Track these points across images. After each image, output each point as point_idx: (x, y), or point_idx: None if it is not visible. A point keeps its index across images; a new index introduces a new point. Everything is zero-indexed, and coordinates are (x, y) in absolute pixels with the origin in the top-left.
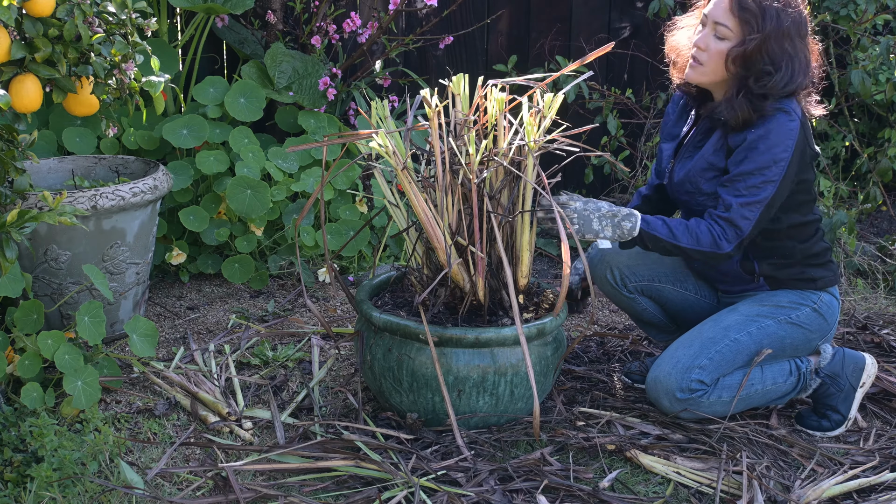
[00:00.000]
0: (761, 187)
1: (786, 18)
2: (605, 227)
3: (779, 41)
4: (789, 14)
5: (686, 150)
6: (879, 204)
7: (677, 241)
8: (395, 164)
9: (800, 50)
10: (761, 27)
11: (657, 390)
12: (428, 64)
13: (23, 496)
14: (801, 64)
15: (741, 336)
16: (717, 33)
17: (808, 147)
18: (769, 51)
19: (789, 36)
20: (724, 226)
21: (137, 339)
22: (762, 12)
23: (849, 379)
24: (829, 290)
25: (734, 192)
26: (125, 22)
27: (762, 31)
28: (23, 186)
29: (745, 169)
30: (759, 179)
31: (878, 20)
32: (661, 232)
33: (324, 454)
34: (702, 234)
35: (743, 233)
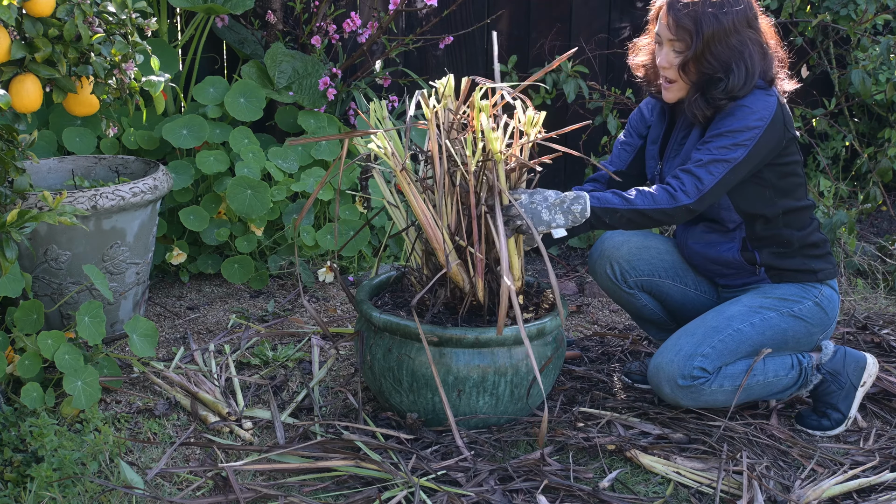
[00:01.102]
0: (731, 149)
1: (725, 17)
2: (556, 215)
3: (723, 41)
4: (729, 11)
5: (671, 150)
6: (879, 204)
7: (633, 205)
8: (393, 164)
9: (751, 40)
10: (700, 34)
11: (659, 377)
12: (428, 64)
13: (23, 496)
14: (756, 55)
15: (744, 326)
16: (673, 48)
17: (786, 126)
18: (716, 54)
19: (735, 30)
20: (683, 178)
21: (137, 339)
22: (697, 21)
23: (850, 377)
24: (830, 283)
25: (705, 151)
26: (125, 22)
27: (702, 38)
28: (23, 186)
29: (718, 131)
30: (730, 141)
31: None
32: (615, 202)
33: (324, 454)
34: (657, 194)
35: (703, 186)
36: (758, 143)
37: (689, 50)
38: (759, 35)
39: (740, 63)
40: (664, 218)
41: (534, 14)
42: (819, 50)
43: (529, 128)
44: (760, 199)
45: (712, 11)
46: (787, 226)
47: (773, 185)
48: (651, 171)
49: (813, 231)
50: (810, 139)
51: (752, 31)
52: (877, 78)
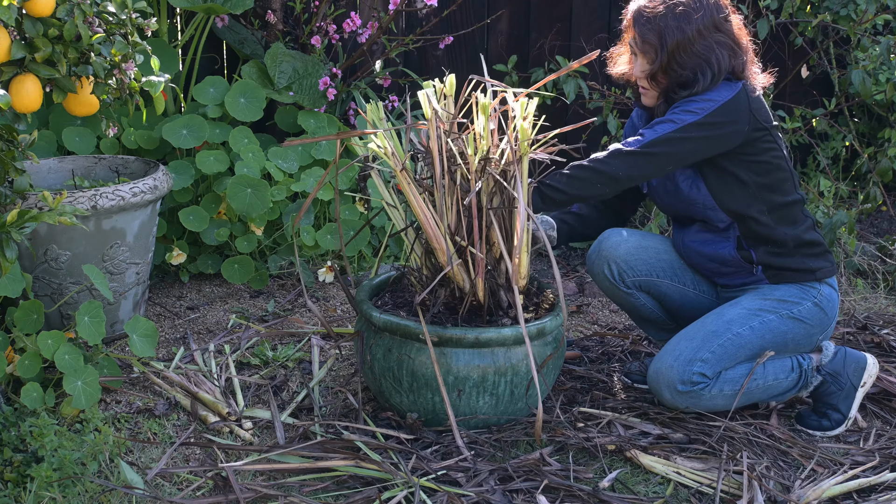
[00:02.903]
0: (680, 114)
1: (689, 25)
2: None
3: (688, 50)
4: (693, 17)
5: None
6: (879, 204)
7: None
8: (393, 165)
9: (718, 42)
10: (664, 47)
11: (659, 382)
12: (428, 64)
13: (23, 496)
14: (724, 56)
15: (743, 330)
16: (644, 59)
17: (753, 114)
18: (682, 63)
19: (701, 35)
20: (630, 138)
21: (137, 339)
22: (661, 34)
23: (850, 378)
24: (829, 282)
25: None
26: (125, 22)
27: (666, 50)
28: (23, 186)
29: (679, 107)
30: (681, 108)
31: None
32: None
33: (324, 454)
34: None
35: (644, 139)
36: (711, 115)
37: (654, 62)
38: (728, 36)
39: (706, 68)
40: (600, 166)
41: (534, 14)
42: (819, 50)
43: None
44: (743, 197)
45: (675, 24)
46: (779, 223)
47: (755, 182)
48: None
49: (807, 229)
50: (810, 139)
51: (721, 34)
52: (877, 78)
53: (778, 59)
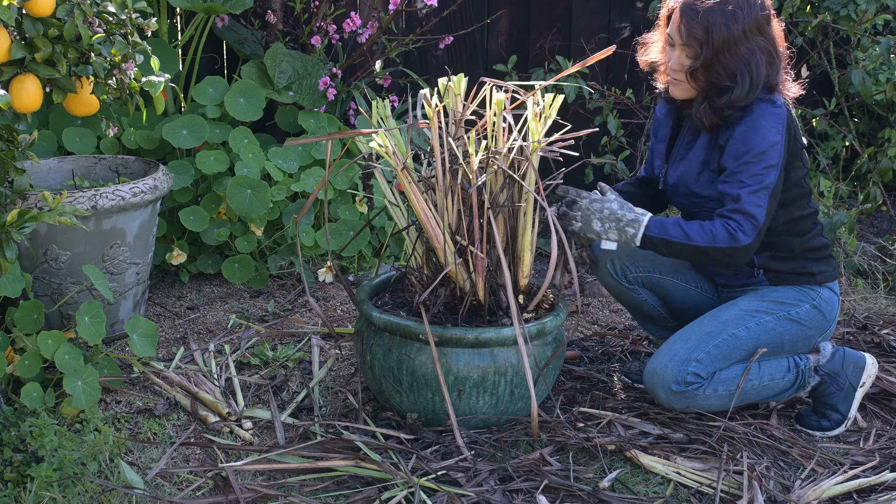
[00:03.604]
0: (764, 173)
1: (736, 24)
2: (609, 229)
3: (732, 50)
4: (741, 16)
5: (677, 153)
6: (879, 204)
7: (692, 241)
8: (395, 163)
9: (759, 47)
10: (710, 43)
11: (654, 382)
12: (428, 64)
13: (23, 496)
14: (762, 63)
15: (739, 331)
16: (685, 53)
17: (795, 136)
18: (724, 63)
19: (745, 38)
20: (738, 218)
21: (137, 339)
22: (709, 30)
23: (849, 378)
24: (829, 285)
25: (739, 185)
26: (125, 22)
27: (712, 47)
28: (23, 186)
29: (744, 159)
30: (760, 166)
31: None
32: (675, 234)
33: (324, 454)
34: (717, 231)
35: (758, 221)
36: (781, 155)
37: (698, 59)
38: (768, 41)
39: (745, 73)
40: (721, 256)
41: (534, 14)
42: (819, 50)
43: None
44: None
45: (723, 21)
46: (788, 233)
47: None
48: (658, 170)
49: (815, 236)
50: (810, 139)
51: (762, 38)
52: (877, 78)
53: None
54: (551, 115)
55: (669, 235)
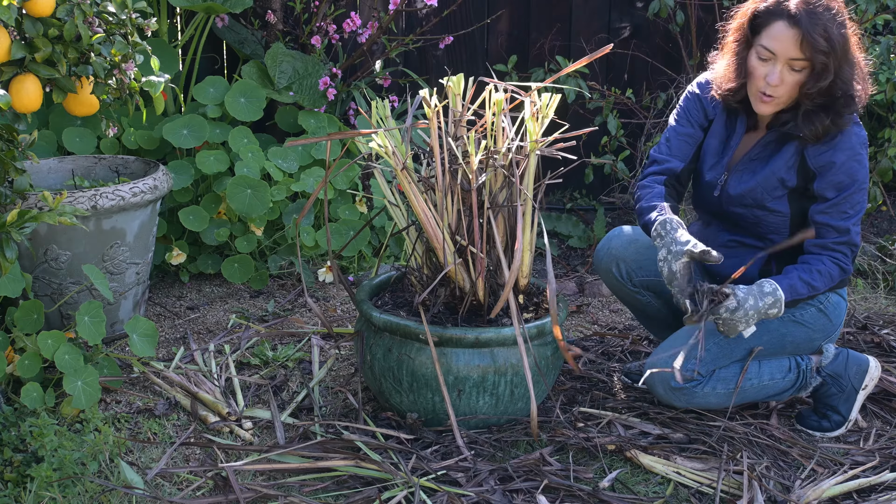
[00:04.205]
0: (862, 201)
1: (842, 36)
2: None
3: (847, 59)
4: (844, 29)
5: (744, 164)
6: (879, 204)
7: (817, 290)
8: (394, 164)
9: (858, 55)
10: (832, 56)
11: (653, 378)
12: (428, 64)
13: (23, 496)
14: (863, 70)
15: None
16: (793, 67)
17: None
18: (843, 76)
19: (851, 49)
20: (844, 250)
21: (137, 339)
22: (831, 42)
23: (851, 380)
24: (838, 290)
25: (844, 216)
26: (125, 22)
27: (835, 61)
28: (23, 186)
29: (849, 192)
30: (860, 196)
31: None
32: (804, 291)
33: (324, 454)
34: (833, 271)
35: (858, 247)
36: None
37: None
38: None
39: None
40: (832, 287)
41: (534, 14)
42: None
43: (545, 109)
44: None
45: (838, 31)
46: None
47: None
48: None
49: None
50: None
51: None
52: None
53: None
54: (549, 115)
55: (800, 295)
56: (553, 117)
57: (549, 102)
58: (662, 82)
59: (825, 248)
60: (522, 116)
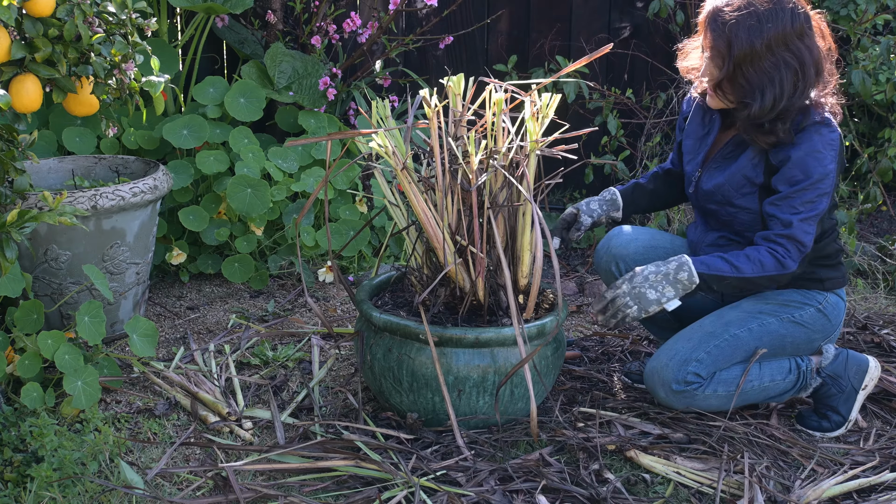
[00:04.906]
0: (817, 201)
1: (760, 39)
2: (664, 289)
3: (756, 64)
4: (766, 30)
5: (716, 161)
6: (879, 204)
7: (742, 273)
8: (394, 164)
9: (785, 63)
10: (731, 56)
11: (654, 381)
12: (428, 64)
13: (23, 496)
14: (786, 81)
15: (741, 332)
16: (713, 62)
17: (843, 156)
18: (748, 78)
19: (770, 52)
20: (786, 244)
21: (137, 339)
22: (730, 43)
23: (851, 381)
24: (836, 291)
25: (791, 210)
26: (125, 22)
27: (733, 60)
28: (23, 186)
29: (800, 186)
30: (814, 194)
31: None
32: (724, 269)
33: (324, 454)
34: (765, 259)
35: (806, 248)
36: (834, 185)
37: (721, 71)
38: (797, 57)
39: (768, 89)
40: (771, 284)
41: (534, 14)
42: None
43: (545, 109)
44: None
45: (746, 35)
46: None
47: None
48: (690, 172)
49: (830, 242)
50: None
51: (790, 54)
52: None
53: None
54: (549, 115)
55: (719, 270)
56: (553, 117)
57: (549, 102)
58: (662, 82)
59: (766, 239)
60: (522, 116)
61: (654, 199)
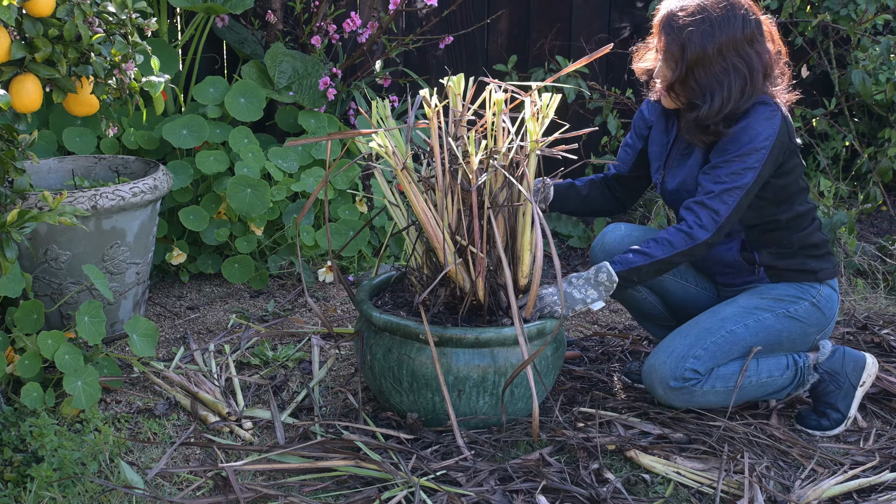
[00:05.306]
0: (742, 174)
1: (712, 43)
2: (588, 291)
3: (707, 67)
4: (718, 35)
5: (674, 160)
6: (879, 204)
7: (654, 257)
8: (394, 164)
9: (735, 67)
10: (684, 59)
11: (652, 378)
12: (428, 64)
13: (23, 496)
14: (734, 85)
15: (738, 328)
16: (666, 65)
17: (790, 139)
18: (698, 80)
19: (721, 56)
20: (699, 211)
21: (137, 339)
22: (683, 47)
23: (849, 377)
24: (829, 282)
25: (715, 179)
26: (125, 22)
27: (686, 63)
28: (23, 186)
29: (727, 157)
30: (740, 166)
31: (878, 20)
32: (636, 261)
33: (324, 454)
34: (672, 238)
35: (720, 217)
36: (765, 163)
37: (674, 73)
38: (746, 62)
39: (717, 92)
40: (685, 259)
41: (534, 14)
42: (819, 50)
43: (545, 109)
44: (761, 210)
45: (699, 40)
46: (788, 229)
47: (775, 197)
48: (655, 176)
49: (813, 231)
50: (810, 139)
51: (740, 59)
52: (877, 78)
53: None
54: (549, 115)
55: (632, 263)
56: (553, 117)
57: (550, 102)
58: None
59: (685, 207)
60: (523, 116)
61: (585, 206)
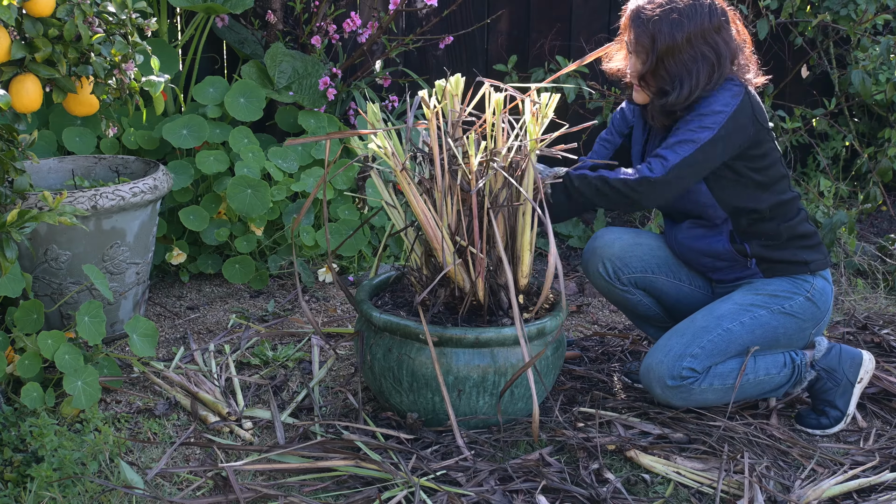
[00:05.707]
0: (697, 130)
1: (681, 32)
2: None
3: (676, 56)
4: (687, 24)
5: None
6: (879, 204)
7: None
8: (393, 165)
9: (703, 56)
10: (655, 50)
11: (649, 378)
12: (428, 64)
13: (23, 496)
14: (702, 72)
15: (734, 325)
16: (637, 59)
17: (756, 117)
18: (668, 69)
19: (689, 45)
20: (651, 160)
21: (137, 339)
22: (654, 38)
23: (846, 374)
24: (822, 273)
25: (673, 134)
26: (125, 22)
27: (657, 54)
28: (23, 186)
29: (688, 118)
30: (696, 124)
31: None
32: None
33: (324, 454)
34: (629, 176)
35: (668, 163)
36: (724, 127)
37: (645, 65)
38: (714, 50)
39: (686, 79)
40: (627, 190)
41: (534, 14)
42: (819, 50)
43: (544, 108)
44: (743, 195)
45: (668, 30)
46: (774, 218)
47: (753, 180)
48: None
49: (801, 222)
50: (810, 139)
51: (707, 47)
52: (877, 78)
53: (778, 59)
54: (548, 115)
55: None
56: (553, 117)
57: (549, 102)
58: None
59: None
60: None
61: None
